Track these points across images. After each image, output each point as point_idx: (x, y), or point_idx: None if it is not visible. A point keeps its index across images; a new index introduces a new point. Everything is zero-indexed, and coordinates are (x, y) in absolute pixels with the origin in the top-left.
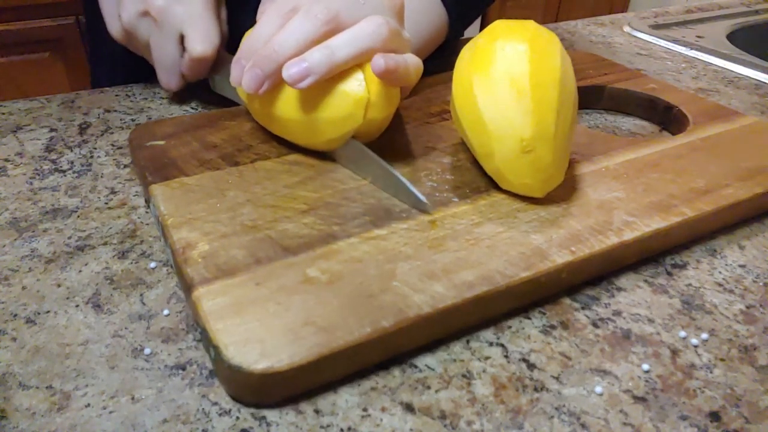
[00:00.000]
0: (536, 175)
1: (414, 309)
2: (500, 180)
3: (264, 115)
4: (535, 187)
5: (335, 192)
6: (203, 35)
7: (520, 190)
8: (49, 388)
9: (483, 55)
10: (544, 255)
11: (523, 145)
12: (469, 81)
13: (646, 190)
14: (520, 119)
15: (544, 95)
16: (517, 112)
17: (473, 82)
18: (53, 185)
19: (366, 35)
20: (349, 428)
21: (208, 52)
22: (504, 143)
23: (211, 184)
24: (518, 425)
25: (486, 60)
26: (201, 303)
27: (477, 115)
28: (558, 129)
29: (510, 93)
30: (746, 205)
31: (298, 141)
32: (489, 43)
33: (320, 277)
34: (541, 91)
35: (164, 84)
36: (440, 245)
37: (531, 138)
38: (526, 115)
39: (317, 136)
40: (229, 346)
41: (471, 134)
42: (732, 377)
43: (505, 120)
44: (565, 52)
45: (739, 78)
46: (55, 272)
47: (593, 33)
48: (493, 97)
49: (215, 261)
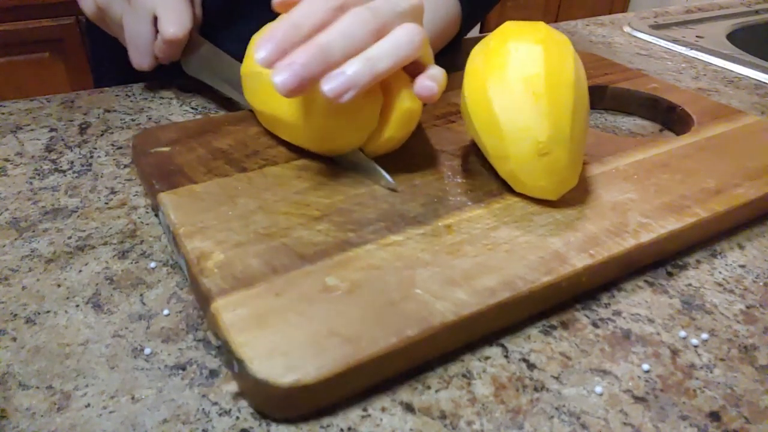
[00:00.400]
0: (551, 178)
1: (438, 317)
2: (514, 183)
3: (269, 117)
4: (550, 189)
5: (347, 197)
6: (176, 17)
7: (534, 192)
8: (49, 388)
9: (496, 56)
10: (564, 259)
11: (539, 148)
12: (483, 83)
13: (657, 191)
14: (535, 121)
15: (559, 97)
16: (532, 115)
17: (487, 85)
18: (53, 185)
19: (405, 45)
20: (349, 428)
21: (180, 35)
22: (519, 146)
23: (220, 191)
24: (518, 425)
25: (500, 62)
26: (221, 315)
27: (492, 117)
28: (573, 131)
29: (525, 95)
30: (756, 204)
31: (302, 144)
32: (502, 45)
33: (339, 285)
34: (557, 93)
35: (136, 64)
36: (458, 250)
37: (547, 140)
38: (542, 118)
39: (327, 144)
40: (254, 360)
41: (485, 137)
42: (732, 377)
43: (521, 122)
44: (576, 54)
45: (739, 78)
46: (55, 272)
47: (593, 33)
48: (508, 99)
49: (231, 271)
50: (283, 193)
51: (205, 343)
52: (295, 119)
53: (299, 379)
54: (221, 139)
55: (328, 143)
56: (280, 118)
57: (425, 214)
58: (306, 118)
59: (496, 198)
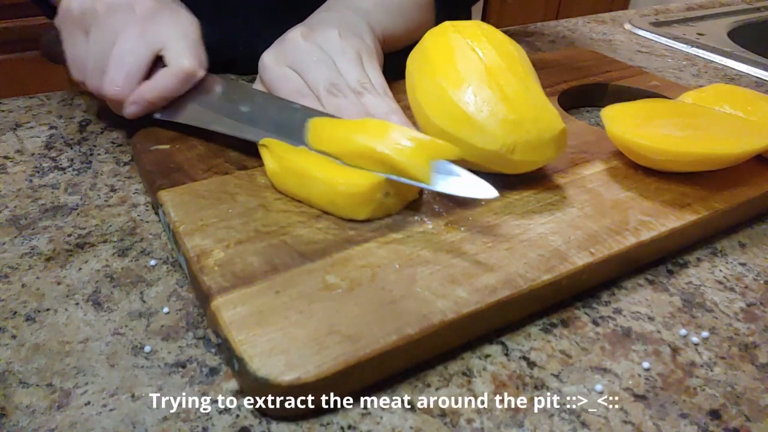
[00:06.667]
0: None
1: (438, 315)
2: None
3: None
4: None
5: None
6: (193, 52)
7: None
8: (49, 386)
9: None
10: (564, 257)
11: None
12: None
13: (658, 189)
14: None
15: (500, 75)
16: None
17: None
18: (53, 183)
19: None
20: (349, 426)
21: (198, 69)
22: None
23: (220, 188)
24: (518, 423)
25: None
26: (221, 313)
27: (458, 112)
28: (520, 88)
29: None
30: (758, 202)
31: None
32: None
33: (340, 283)
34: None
35: (112, 92)
36: (458, 248)
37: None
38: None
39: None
40: (254, 358)
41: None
42: (732, 375)
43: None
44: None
45: (740, 75)
46: (54, 270)
47: (594, 30)
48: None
49: (231, 269)
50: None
51: (205, 341)
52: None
53: (299, 377)
54: (221, 136)
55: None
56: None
57: (425, 212)
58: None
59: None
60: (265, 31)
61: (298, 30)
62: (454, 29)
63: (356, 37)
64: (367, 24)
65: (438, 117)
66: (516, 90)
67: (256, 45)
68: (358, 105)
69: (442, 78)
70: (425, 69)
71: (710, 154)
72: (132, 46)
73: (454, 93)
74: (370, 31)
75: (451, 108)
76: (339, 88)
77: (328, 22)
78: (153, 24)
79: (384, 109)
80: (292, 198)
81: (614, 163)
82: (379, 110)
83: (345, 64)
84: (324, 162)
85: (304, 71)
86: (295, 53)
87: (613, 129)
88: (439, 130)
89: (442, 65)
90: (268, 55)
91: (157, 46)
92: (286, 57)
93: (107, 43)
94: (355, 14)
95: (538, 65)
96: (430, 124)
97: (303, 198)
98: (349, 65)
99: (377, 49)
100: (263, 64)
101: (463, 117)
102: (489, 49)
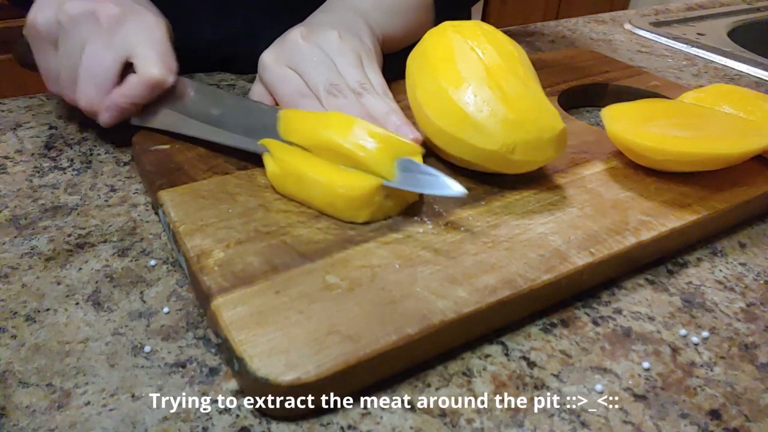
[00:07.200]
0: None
1: (438, 315)
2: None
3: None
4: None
5: None
6: (160, 59)
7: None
8: (49, 386)
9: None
10: (564, 257)
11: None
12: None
13: (658, 189)
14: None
15: (500, 76)
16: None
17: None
18: (53, 183)
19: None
20: (349, 426)
21: (167, 77)
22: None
23: (220, 189)
24: (518, 423)
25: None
26: (221, 313)
27: (459, 112)
28: (520, 88)
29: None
30: (758, 202)
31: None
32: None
33: (340, 283)
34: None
35: (84, 101)
36: (458, 248)
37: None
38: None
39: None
40: (255, 358)
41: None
42: (732, 375)
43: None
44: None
45: (740, 75)
46: (54, 270)
47: (594, 30)
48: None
49: (232, 269)
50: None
51: (205, 341)
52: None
53: (299, 377)
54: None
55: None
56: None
57: (425, 212)
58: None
59: (497, 196)
60: (265, 31)
61: (297, 30)
62: (454, 29)
63: (356, 37)
64: (367, 24)
65: (438, 117)
66: (516, 90)
67: (256, 45)
68: (358, 105)
69: (442, 78)
70: (425, 69)
71: (710, 154)
72: (99, 58)
73: (454, 93)
74: (369, 32)
75: (451, 108)
76: (339, 89)
77: (328, 23)
78: (118, 32)
79: (384, 110)
80: (292, 199)
81: (614, 163)
82: (379, 110)
83: (345, 64)
84: (324, 165)
85: (304, 72)
86: (295, 53)
87: (613, 129)
88: (439, 130)
89: (442, 65)
90: (267, 54)
91: (124, 54)
92: (286, 57)
93: (76, 55)
94: (355, 15)
95: (538, 65)
96: (430, 124)
97: (303, 200)
98: (349, 66)
99: (377, 50)
100: (263, 64)
101: (463, 117)
102: (489, 49)
